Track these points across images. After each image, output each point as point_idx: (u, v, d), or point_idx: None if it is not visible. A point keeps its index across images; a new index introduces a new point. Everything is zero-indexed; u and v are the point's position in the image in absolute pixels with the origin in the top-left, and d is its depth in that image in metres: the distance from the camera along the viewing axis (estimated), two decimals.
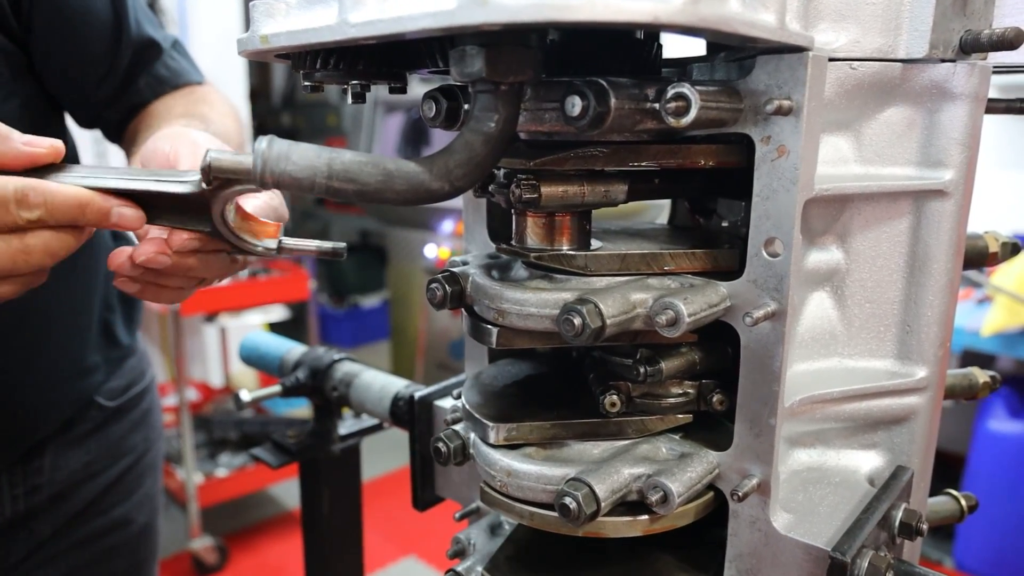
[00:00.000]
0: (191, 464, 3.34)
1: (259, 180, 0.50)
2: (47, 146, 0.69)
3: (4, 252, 0.67)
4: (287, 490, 4.06)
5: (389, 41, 0.48)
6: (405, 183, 0.50)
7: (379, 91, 0.72)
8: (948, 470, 3.19)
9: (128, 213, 0.69)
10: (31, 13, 1.01)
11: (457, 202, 0.79)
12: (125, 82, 1.14)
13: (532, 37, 0.51)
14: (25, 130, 0.67)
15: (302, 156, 0.50)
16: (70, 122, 1.21)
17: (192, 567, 3.44)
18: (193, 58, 1.24)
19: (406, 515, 1.00)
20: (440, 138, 4.58)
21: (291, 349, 1.20)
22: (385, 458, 4.04)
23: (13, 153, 0.68)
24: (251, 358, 1.25)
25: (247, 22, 0.61)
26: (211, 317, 3.83)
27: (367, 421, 1.18)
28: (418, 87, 3.59)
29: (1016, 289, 2.71)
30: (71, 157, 1.19)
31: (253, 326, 4.10)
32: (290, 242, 0.75)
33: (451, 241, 4.80)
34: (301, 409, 4.33)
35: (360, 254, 6.19)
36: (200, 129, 0.97)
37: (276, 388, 1.13)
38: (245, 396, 1.10)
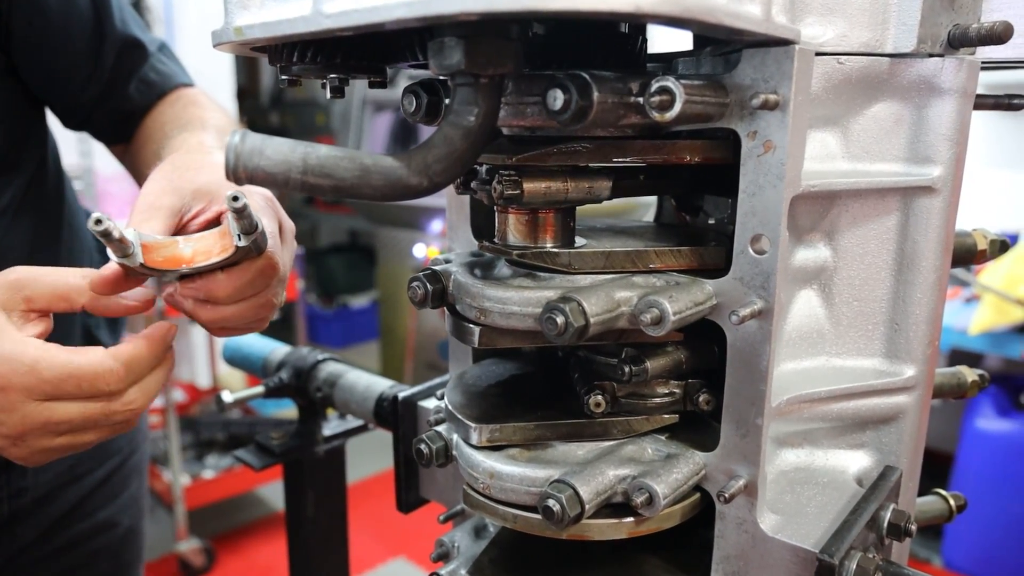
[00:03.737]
0: (178, 465, 3.31)
1: (232, 175, 0.48)
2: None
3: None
4: (274, 491, 4.04)
5: (366, 32, 0.46)
6: (382, 178, 0.49)
7: (367, 90, 0.71)
8: (936, 469, 3.21)
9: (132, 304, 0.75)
10: (10, 14, 1.00)
11: (445, 201, 0.78)
12: (111, 82, 1.12)
13: (513, 28, 0.50)
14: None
15: (276, 151, 0.48)
16: (52, 124, 1.19)
17: (179, 569, 3.41)
18: (181, 61, 1.23)
19: (396, 516, 0.99)
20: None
21: (274, 349, 1.19)
22: (377, 458, 4.02)
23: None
24: (234, 359, 1.24)
25: None
26: None
27: (352, 422, 1.17)
28: (406, 84, 3.57)
29: (1004, 288, 2.72)
30: (52, 158, 1.17)
31: None
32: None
33: (440, 241, 4.78)
34: (290, 410, 4.30)
35: (349, 254, 6.16)
36: (199, 136, 0.99)
37: (259, 389, 1.12)
38: (227, 397, 1.09)
